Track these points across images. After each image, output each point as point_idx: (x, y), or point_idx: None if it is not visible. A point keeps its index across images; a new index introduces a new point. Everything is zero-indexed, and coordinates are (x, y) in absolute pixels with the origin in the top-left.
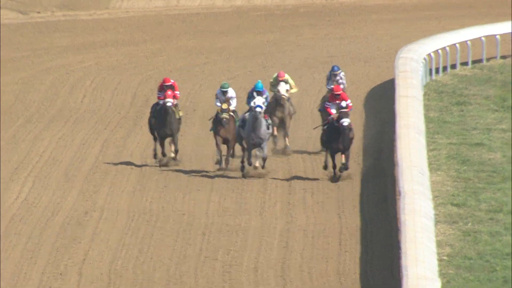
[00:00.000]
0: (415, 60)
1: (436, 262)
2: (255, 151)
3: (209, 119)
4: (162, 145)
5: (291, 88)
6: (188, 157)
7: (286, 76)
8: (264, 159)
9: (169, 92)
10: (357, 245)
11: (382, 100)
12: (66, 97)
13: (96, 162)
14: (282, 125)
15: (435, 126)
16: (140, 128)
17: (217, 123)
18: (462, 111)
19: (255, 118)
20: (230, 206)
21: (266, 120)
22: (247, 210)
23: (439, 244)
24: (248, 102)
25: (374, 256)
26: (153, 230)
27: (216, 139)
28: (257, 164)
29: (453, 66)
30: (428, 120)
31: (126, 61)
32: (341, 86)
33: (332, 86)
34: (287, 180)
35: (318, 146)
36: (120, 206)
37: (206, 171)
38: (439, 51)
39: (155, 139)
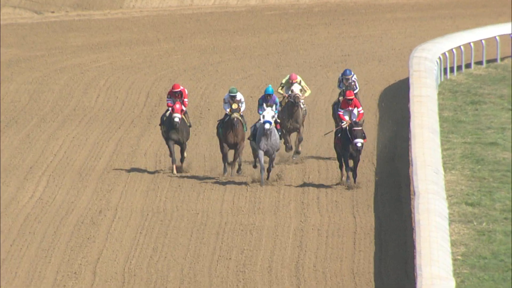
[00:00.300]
0: (429, 59)
1: (450, 262)
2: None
3: (218, 121)
4: (173, 152)
5: (304, 90)
6: (202, 156)
7: (298, 79)
8: (269, 170)
9: (177, 106)
10: (371, 244)
11: (396, 99)
12: (80, 96)
13: (110, 161)
14: (294, 131)
15: (449, 126)
16: (154, 127)
17: (226, 126)
18: (477, 110)
19: (265, 132)
20: (244, 205)
21: (278, 130)
22: (261, 210)
23: (454, 243)
24: (259, 110)
25: (389, 255)
26: (167, 229)
27: (222, 145)
28: (264, 179)
29: (468, 65)
30: (442, 119)
31: (140, 60)
32: (354, 90)
33: (343, 88)
34: (301, 179)
35: (332, 145)
36: (134, 205)
37: (220, 170)
38: (454, 50)
39: (172, 159)
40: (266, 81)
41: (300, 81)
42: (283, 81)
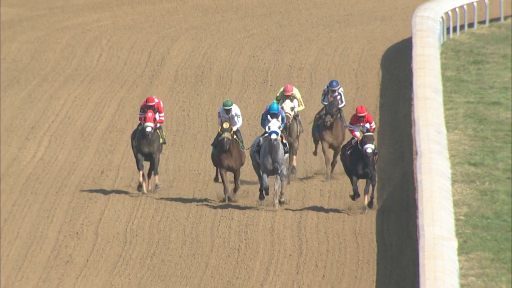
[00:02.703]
0: (432, 18)
1: (453, 222)
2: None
3: (212, 144)
4: (142, 164)
5: (298, 105)
6: (204, 117)
7: (294, 91)
8: (282, 196)
9: (150, 114)
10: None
11: (399, 59)
12: (82, 56)
13: (112, 121)
14: (289, 148)
15: (452, 85)
16: (156, 87)
17: (220, 147)
18: (479, 69)
19: (271, 145)
20: (246, 165)
21: (284, 144)
22: None
23: (456, 203)
24: (263, 124)
25: (391, 215)
26: (169, 189)
27: (218, 170)
28: (276, 203)
29: (471, 25)
30: (445, 79)
31: (142, 19)
32: (339, 105)
33: (325, 103)
34: (304, 140)
35: None
36: (136, 165)
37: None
38: (457, 9)
39: (138, 167)
40: (269, 40)
41: (295, 93)
42: (278, 94)
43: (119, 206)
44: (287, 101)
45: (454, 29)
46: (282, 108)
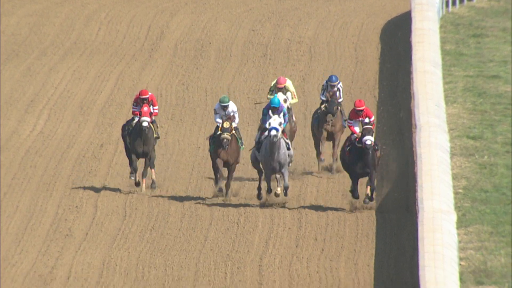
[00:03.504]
0: None
1: (452, 195)
2: (274, 177)
3: (206, 138)
4: (135, 165)
5: (292, 98)
6: (204, 91)
7: (287, 83)
8: (286, 188)
9: (145, 109)
10: None
11: (398, 32)
12: (81, 29)
13: (111, 95)
14: None
15: (451, 59)
16: (155, 61)
17: (217, 143)
18: (479, 43)
19: (272, 142)
20: (246, 139)
21: (286, 141)
22: None
23: (455, 177)
24: (264, 121)
25: (390, 189)
26: (168, 163)
27: (214, 162)
28: (278, 190)
29: None
30: (444, 52)
31: None
32: (337, 100)
33: (324, 98)
34: (304, 116)
35: None
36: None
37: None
38: None
39: (130, 163)
40: (268, 14)
41: (288, 86)
42: (272, 85)
43: (118, 179)
44: (279, 93)
45: (454, 3)
46: None
